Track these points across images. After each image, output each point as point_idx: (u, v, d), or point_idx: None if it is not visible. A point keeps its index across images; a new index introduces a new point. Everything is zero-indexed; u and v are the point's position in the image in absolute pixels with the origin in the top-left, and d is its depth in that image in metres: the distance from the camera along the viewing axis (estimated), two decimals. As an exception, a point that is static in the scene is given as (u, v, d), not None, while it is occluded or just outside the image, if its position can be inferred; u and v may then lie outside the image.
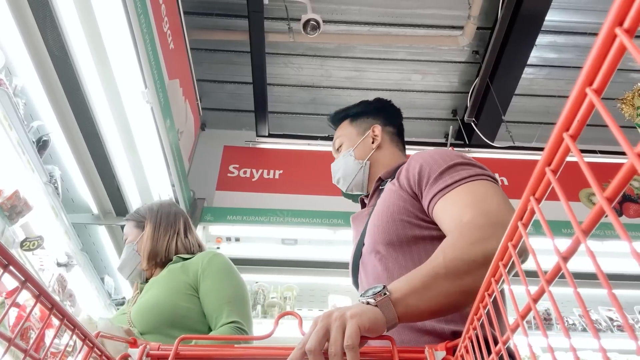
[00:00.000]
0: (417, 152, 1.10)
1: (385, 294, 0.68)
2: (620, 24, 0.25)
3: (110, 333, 1.05)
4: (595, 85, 0.27)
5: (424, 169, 1.00)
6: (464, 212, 0.85)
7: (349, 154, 1.36)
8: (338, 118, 1.47)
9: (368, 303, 0.67)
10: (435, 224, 0.98)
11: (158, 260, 1.51)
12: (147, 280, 1.55)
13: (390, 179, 1.20)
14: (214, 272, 1.38)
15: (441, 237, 0.90)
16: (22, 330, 1.77)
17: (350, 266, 1.21)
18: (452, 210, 0.89)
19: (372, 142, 1.36)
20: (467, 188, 0.90)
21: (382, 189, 1.21)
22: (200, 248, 1.63)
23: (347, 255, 1.29)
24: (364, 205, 1.36)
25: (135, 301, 1.43)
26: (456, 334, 0.87)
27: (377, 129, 1.37)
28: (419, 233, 0.99)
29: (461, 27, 3.73)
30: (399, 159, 1.32)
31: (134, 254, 1.54)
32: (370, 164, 1.33)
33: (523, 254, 0.70)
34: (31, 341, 1.72)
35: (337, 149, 1.42)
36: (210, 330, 1.33)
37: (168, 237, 1.55)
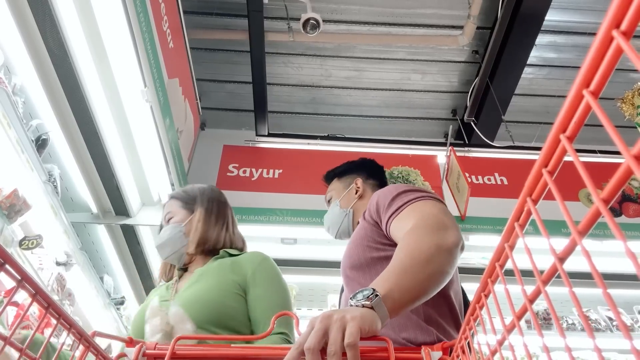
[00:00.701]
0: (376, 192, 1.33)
1: (377, 295, 0.72)
2: (617, 26, 0.25)
3: (183, 323, 1.06)
4: (592, 87, 0.27)
5: (380, 200, 1.20)
6: (409, 223, 1.02)
7: (335, 205, 1.59)
8: (329, 177, 1.72)
9: (363, 306, 0.70)
10: (392, 246, 1.13)
11: (205, 247, 1.45)
12: (184, 267, 1.48)
13: None
14: (265, 278, 1.33)
15: None
16: (22, 329, 1.77)
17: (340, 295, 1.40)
18: (403, 225, 1.05)
19: (356, 193, 1.57)
20: (413, 207, 1.09)
21: None
22: (244, 244, 1.58)
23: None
24: None
25: (176, 289, 1.36)
26: (408, 341, 1.02)
27: (359, 181, 1.60)
28: (376, 255, 1.16)
29: (461, 27, 3.73)
30: None
31: (181, 236, 1.45)
32: (354, 212, 1.54)
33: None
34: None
35: (328, 202, 1.66)
36: (252, 334, 1.26)
37: (219, 227, 1.49)
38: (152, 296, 1.41)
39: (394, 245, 1.09)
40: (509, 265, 0.42)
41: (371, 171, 1.66)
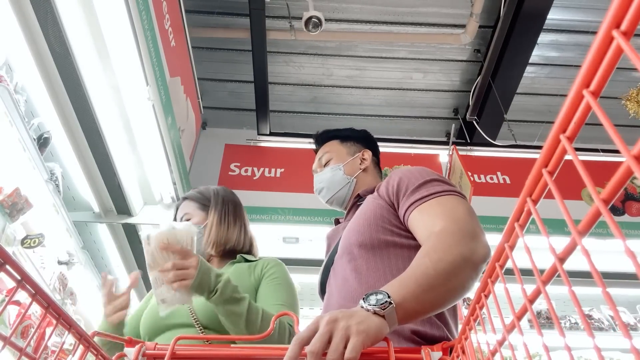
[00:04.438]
0: (397, 169, 1.22)
1: (391, 303, 0.69)
2: (618, 26, 0.25)
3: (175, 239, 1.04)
4: (592, 87, 0.27)
5: (402, 181, 1.12)
6: (436, 221, 0.95)
7: (338, 169, 1.47)
8: (326, 137, 1.58)
9: (375, 312, 0.67)
10: (408, 233, 1.07)
11: (226, 248, 1.45)
12: None
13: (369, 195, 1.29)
14: (273, 279, 1.36)
15: (413, 246, 1.01)
16: (23, 328, 1.78)
17: (319, 275, 1.27)
18: (426, 219, 0.99)
19: (360, 164, 1.49)
20: (439, 201, 1.01)
21: (360, 205, 1.29)
22: (252, 247, 1.57)
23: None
24: (338, 224, 1.43)
25: None
26: (417, 334, 0.93)
27: (368, 154, 1.51)
28: (391, 239, 1.07)
29: (463, 26, 3.72)
30: (377, 183, 1.38)
31: (201, 237, 1.45)
32: (356, 183, 1.45)
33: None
34: (33, 341, 1.72)
35: (325, 164, 1.52)
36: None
37: (237, 229, 1.49)
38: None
39: (410, 232, 1.05)
40: (509, 264, 0.42)
41: (374, 148, 1.57)
